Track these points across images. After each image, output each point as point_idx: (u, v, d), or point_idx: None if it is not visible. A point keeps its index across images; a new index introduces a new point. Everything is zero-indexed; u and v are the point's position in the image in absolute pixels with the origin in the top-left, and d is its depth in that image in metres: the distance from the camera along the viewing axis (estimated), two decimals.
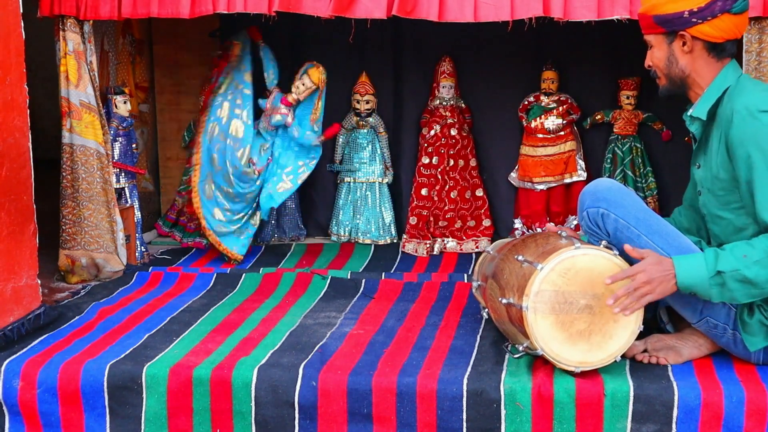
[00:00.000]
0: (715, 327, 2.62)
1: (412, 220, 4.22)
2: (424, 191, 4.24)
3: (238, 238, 4.03)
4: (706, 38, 2.61)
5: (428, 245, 4.16)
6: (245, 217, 4.04)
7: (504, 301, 2.63)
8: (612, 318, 2.54)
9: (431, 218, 4.22)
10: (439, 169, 4.24)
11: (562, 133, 4.23)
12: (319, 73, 4.00)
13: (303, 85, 4.00)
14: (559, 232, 2.81)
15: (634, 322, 2.55)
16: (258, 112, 4.09)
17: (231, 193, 3.96)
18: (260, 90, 4.12)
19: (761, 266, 2.45)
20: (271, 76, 4.10)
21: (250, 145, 3.96)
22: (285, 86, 4.10)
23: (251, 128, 3.98)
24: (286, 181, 4.06)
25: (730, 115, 2.53)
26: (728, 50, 2.65)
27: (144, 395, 2.68)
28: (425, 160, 4.26)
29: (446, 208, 4.26)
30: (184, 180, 4.50)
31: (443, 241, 4.23)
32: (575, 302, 2.53)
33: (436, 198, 4.23)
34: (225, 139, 3.96)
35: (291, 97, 4.02)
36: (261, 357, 2.76)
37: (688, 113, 2.70)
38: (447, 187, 4.26)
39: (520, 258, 2.66)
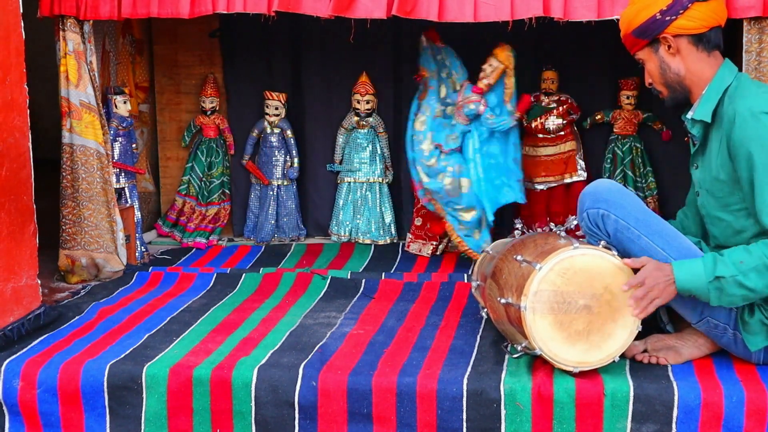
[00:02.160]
0: (715, 327, 2.62)
1: (417, 221, 4.22)
2: None
3: (473, 239, 3.94)
4: (686, 32, 2.62)
5: (434, 246, 4.15)
6: (471, 212, 3.92)
7: (503, 301, 2.63)
8: (611, 318, 2.54)
9: (438, 219, 4.22)
10: None
11: (562, 133, 4.22)
12: (506, 51, 3.84)
13: (490, 66, 3.84)
14: (557, 232, 2.81)
15: (633, 322, 2.56)
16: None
17: (431, 190, 3.90)
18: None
19: (758, 273, 2.46)
20: (459, 72, 3.97)
21: (432, 132, 3.90)
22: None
23: (431, 119, 3.92)
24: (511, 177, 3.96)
25: (733, 116, 2.53)
26: (714, 40, 2.65)
27: (144, 395, 2.68)
28: None
29: None
30: (184, 180, 4.51)
31: (447, 241, 4.22)
32: (574, 302, 2.53)
33: None
34: (417, 138, 3.93)
35: (482, 83, 3.87)
36: (261, 357, 2.76)
37: (688, 116, 2.70)
38: None
39: (519, 258, 2.66)
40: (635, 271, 2.57)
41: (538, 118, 4.22)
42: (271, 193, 4.42)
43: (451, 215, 3.91)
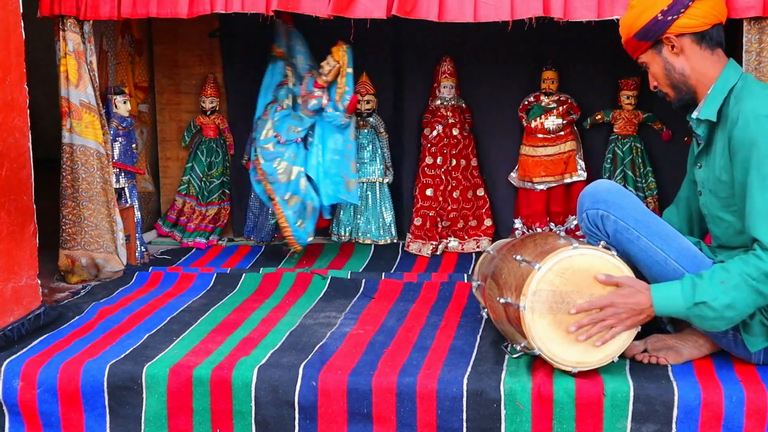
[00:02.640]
0: None
1: (417, 221, 4.22)
2: (429, 192, 4.23)
3: (298, 228, 3.97)
4: (689, 30, 2.61)
5: (434, 245, 4.16)
6: (294, 200, 3.96)
7: (502, 300, 2.63)
8: None
9: (438, 219, 4.23)
10: (443, 169, 4.24)
11: (562, 133, 4.22)
12: (340, 50, 3.86)
13: (328, 65, 3.88)
14: (557, 232, 2.81)
15: None
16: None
17: (264, 172, 3.93)
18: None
19: (738, 291, 2.44)
20: (301, 61, 4.02)
21: (273, 121, 3.93)
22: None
23: (275, 107, 3.97)
24: (348, 181, 4.00)
25: (736, 117, 2.52)
26: (716, 38, 2.64)
27: (144, 395, 2.68)
28: (429, 160, 4.26)
29: (449, 208, 4.26)
30: (184, 180, 4.51)
31: (446, 241, 4.23)
32: (573, 302, 2.53)
33: (440, 198, 4.23)
34: (260, 122, 3.98)
35: (321, 80, 3.91)
36: (261, 357, 2.76)
37: (693, 115, 2.69)
38: (450, 187, 4.26)
39: (518, 258, 2.66)
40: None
41: (538, 118, 4.22)
42: None
43: (281, 199, 3.94)
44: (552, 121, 4.21)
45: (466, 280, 3.59)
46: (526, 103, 4.27)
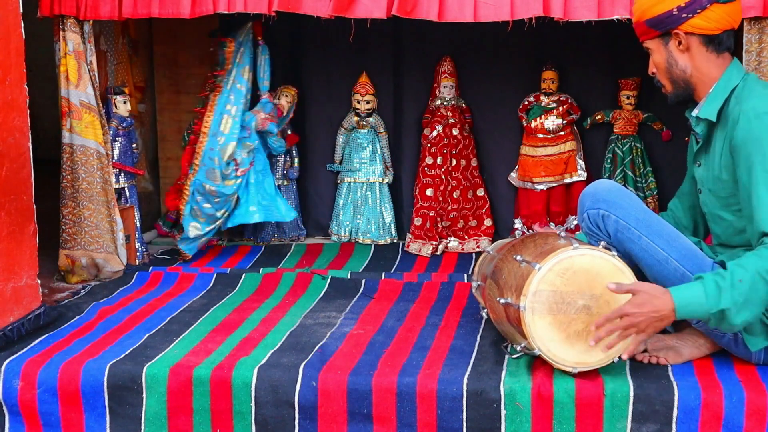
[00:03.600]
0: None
1: (417, 221, 4.22)
2: (429, 192, 4.24)
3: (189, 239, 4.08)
4: (700, 31, 2.60)
5: (434, 245, 4.16)
6: (220, 221, 4.08)
7: (502, 301, 2.63)
8: None
9: (438, 219, 4.23)
10: (443, 170, 4.24)
11: (562, 133, 4.23)
12: (294, 92, 4.27)
13: (288, 103, 4.22)
14: (557, 232, 2.81)
15: None
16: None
17: (214, 191, 3.95)
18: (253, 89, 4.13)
19: (755, 290, 2.41)
20: (265, 80, 4.10)
21: (235, 143, 3.96)
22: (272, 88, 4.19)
23: (238, 125, 3.98)
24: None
25: (737, 116, 2.52)
26: (725, 43, 2.63)
27: (144, 395, 2.68)
28: (429, 160, 4.26)
29: (449, 208, 4.26)
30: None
31: (446, 241, 4.23)
32: (573, 302, 2.52)
33: (440, 198, 4.23)
34: (215, 135, 3.96)
35: (281, 107, 4.17)
36: (261, 357, 2.76)
37: (693, 113, 2.69)
38: (450, 187, 4.26)
39: (518, 258, 2.66)
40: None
41: (538, 118, 4.22)
42: None
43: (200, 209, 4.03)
44: (552, 121, 4.21)
45: (466, 280, 3.59)
46: (526, 103, 4.27)
